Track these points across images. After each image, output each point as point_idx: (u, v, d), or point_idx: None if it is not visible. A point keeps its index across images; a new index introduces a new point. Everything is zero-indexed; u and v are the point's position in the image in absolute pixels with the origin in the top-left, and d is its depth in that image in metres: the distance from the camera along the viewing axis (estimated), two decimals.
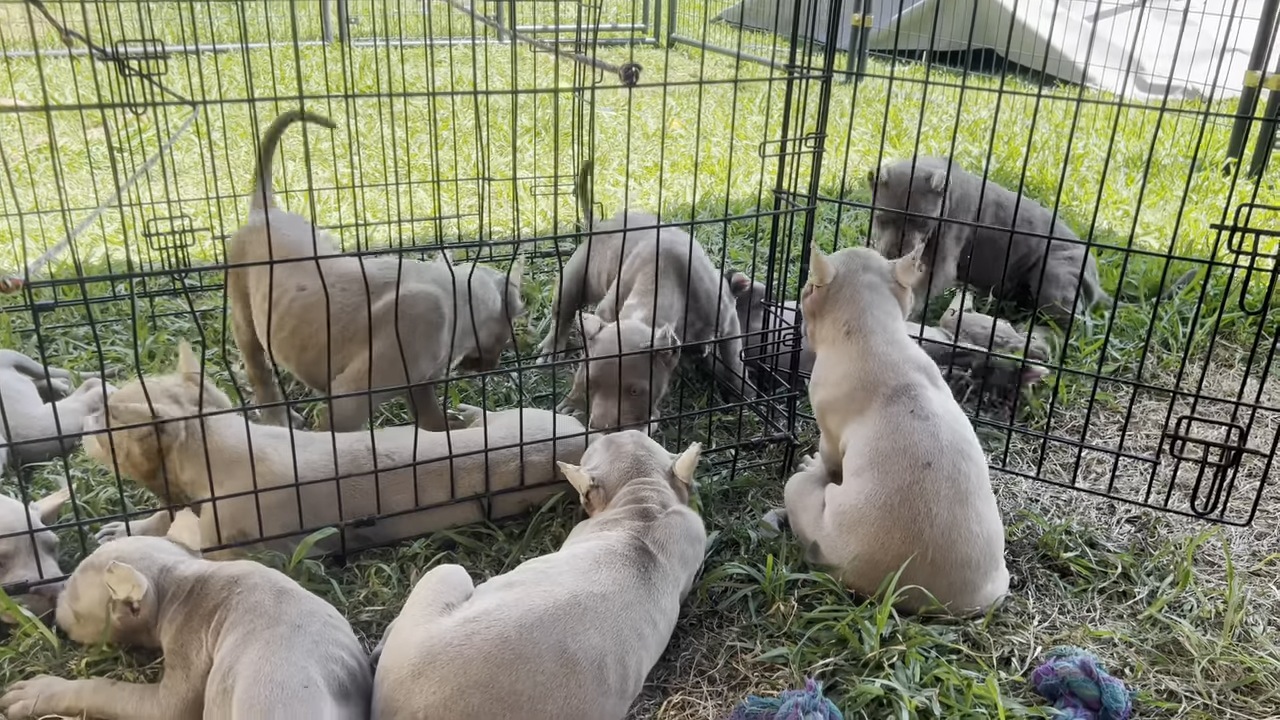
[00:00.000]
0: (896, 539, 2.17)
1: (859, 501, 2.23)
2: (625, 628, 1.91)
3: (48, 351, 3.40)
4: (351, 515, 2.37)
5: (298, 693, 1.68)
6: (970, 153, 6.45)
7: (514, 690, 1.75)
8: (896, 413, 2.28)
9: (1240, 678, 2.06)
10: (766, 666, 2.08)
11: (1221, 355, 3.67)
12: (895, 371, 2.34)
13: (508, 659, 1.76)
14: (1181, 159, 6.29)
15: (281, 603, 1.86)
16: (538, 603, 1.84)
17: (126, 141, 5.31)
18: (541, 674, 1.78)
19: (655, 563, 2.05)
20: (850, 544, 2.23)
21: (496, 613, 1.82)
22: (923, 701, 1.89)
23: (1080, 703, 1.94)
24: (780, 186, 2.77)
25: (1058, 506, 2.71)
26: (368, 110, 6.99)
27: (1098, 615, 2.28)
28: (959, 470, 2.21)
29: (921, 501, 2.16)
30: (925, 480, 2.18)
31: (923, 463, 2.19)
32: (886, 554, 2.17)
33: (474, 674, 1.75)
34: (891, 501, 2.18)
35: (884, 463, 2.23)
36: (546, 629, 1.81)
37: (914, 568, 2.15)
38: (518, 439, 2.50)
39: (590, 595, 1.89)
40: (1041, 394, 3.24)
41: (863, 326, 2.42)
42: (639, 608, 1.96)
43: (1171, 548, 2.50)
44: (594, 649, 1.84)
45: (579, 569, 1.97)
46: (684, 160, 6.19)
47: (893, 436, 2.25)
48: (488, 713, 1.74)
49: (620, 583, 1.96)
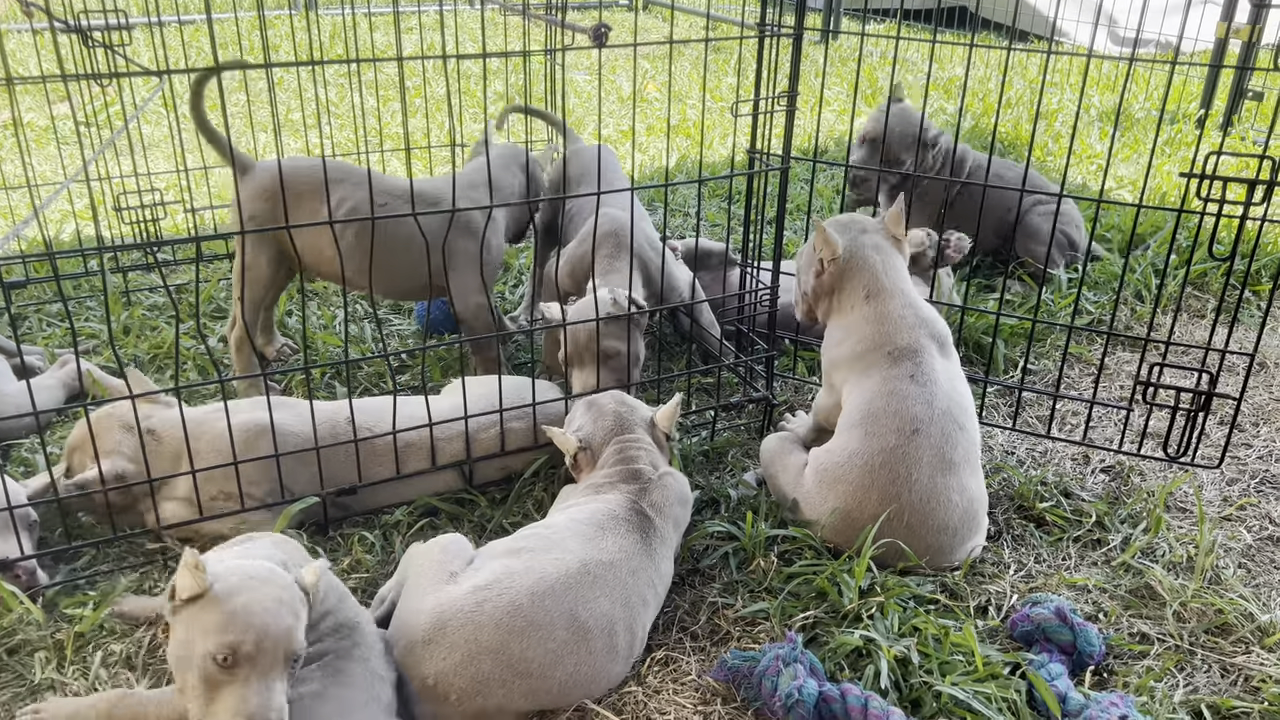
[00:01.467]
0: (874, 499, 2.19)
1: (841, 459, 2.26)
2: (632, 594, 1.94)
3: (20, 329, 3.37)
4: (327, 486, 2.38)
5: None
6: (945, 110, 6.45)
7: (525, 657, 1.78)
8: (897, 375, 2.29)
9: (1211, 619, 2.11)
10: (748, 621, 2.11)
11: (1194, 306, 3.71)
12: (908, 334, 2.35)
13: (519, 626, 1.78)
14: (1155, 113, 6.31)
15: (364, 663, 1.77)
16: (549, 571, 1.86)
17: (93, 116, 5.23)
18: (553, 641, 1.80)
19: (654, 526, 2.07)
20: (829, 500, 2.25)
21: (508, 580, 1.84)
22: (901, 651, 1.92)
23: (1055, 648, 1.98)
24: (754, 146, 2.76)
25: (1033, 458, 2.75)
26: (339, 79, 6.91)
27: (1072, 563, 2.32)
28: (948, 439, 2.23)
29: (903, 466, 2.19)
30: (910, 445, 2.20)
31: (910, 428, 2.21)
32: (863, 513, 2.20)
33: (485, 640, 1.77)
34: (873, 463, 2.20)
35: (873, 422, 2.25)
36: (558, 597, 1.83)
37: (891, 529, 2.18)
38: (495, 406, 2.51)
39: (599, 564, 1.92)
40: (1016, 347, 3.27)
41: (880, 290, 2.42)
42: (644, 573, 1.99)
43: (1144, 495, 2.55)
44: (604, 616, 1.87)
45: (585, 535, 1.98)
46: (658, 123, 6.15)
47: (887, 398, 2.26)
48: (498, 679, 1.77)
49: (625, 549, 1.98)
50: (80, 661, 1.99)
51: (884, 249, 2.48)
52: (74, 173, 2.87)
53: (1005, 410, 2.99)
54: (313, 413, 2.36)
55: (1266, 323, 2.60)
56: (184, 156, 3.76)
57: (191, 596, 1.52)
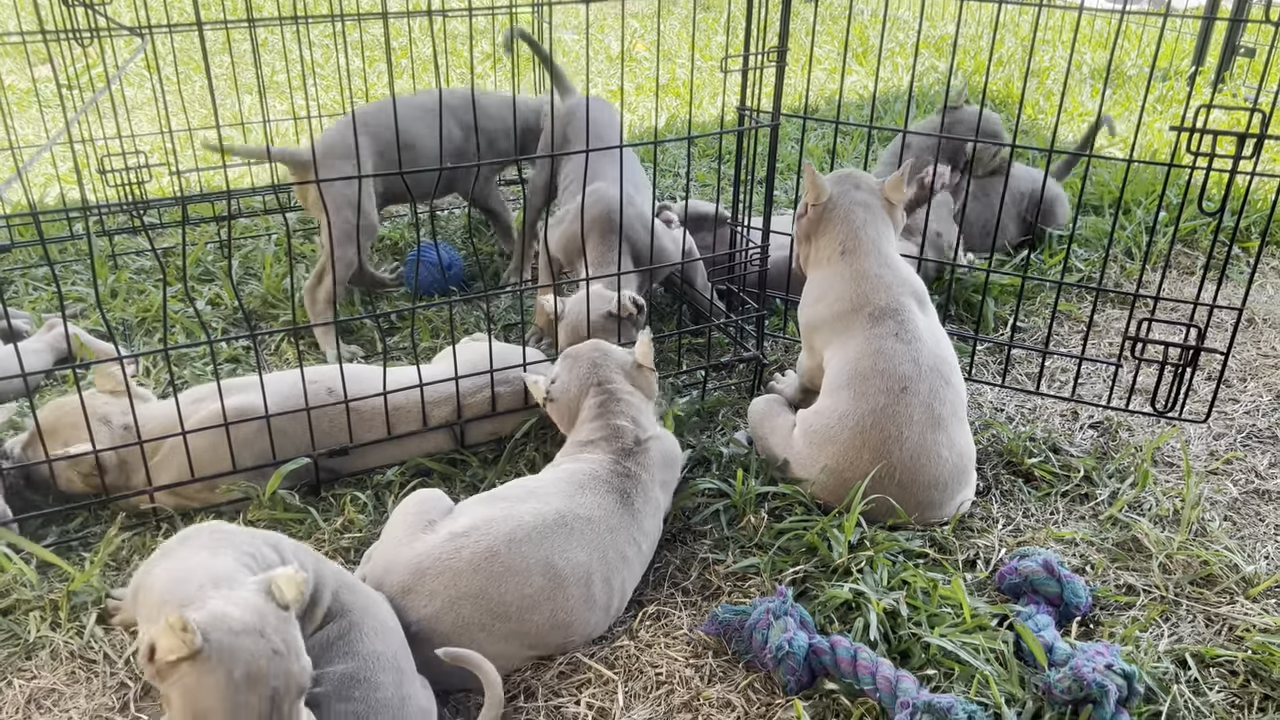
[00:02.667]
0: (865, 459, 2.20)
1: (831, 420, 2.26)
2: (610, 549, 1.95)
3: (6, 294, 3.35)
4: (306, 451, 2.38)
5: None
6: (937, 68, 6.41)
7: (503, 601, 1.81)
8: (880, 334, 2.29)
9: (1196, 571, 2.13)
10: (739, 576, 2.13)
11: (1184, 263, 3.71)
12: (887, 293, 2.35)
13: (497, 571, 1.81)
14: (1147, 70, 6.27)
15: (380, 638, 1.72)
16: (526, 519, 1.88)
17: (75, 79, 5.16)
18: (529, 587, 1.83)
19: (637, 486, 2.08)
20: (820, 460, 2.26)
21: (485, 527, 1.86)
22: (890, 603, 1.94)
23: (1042, 599, 2.00)
24: (744, 103, 2.74)
25: (1022, 415, 2.76)
26: (324, 40, 6.82)
27: (1060, 517, 2.34)
28: (936, 395, 2.24)
29: (893, 425, 2.20)
30: (900, 404, 2.21)
31: (899, 387, 2.22)
32: (854, 472, 2.21)
33: (464, 586, 1.79)
34: (864, 423, 2.21)
35: (861, 383, 2.25)
36: (535, 544, 1.85)
37: (882, 487, 2.20)
38: (485, 369, 2.51)
39: (576, 517, 1.94)
40: (1005, 304, 3.27)
41: (858, 246, 2.41)
42: (623, 531, 2.00)
43: (1132, 450, 2.56)
44: (580, 566, 1.89)
45: (564, 491, 2.00)
46: (647, 83, 6.10)
47: (874, 357, 2.27)
48: (478, 622, 1.80)
49: (604, 507, 2.00)
50: (74, 621, 2.00)
51: (872, 208, 2.47)
52: (56, 134, 2.84)
53: (995, 368, 3.00)
54: (304, 380, 2.35)
55: (1254, 278, 2.60)
56: (168, 118, 3.72)
57: (179, 659, 1.38)
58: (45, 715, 1.80)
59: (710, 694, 1.84)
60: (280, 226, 3.90)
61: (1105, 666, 1.71)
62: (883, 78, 6.13)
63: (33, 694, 1.85)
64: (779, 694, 1.84)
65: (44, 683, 1.87)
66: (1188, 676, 1.85)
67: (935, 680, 1.82)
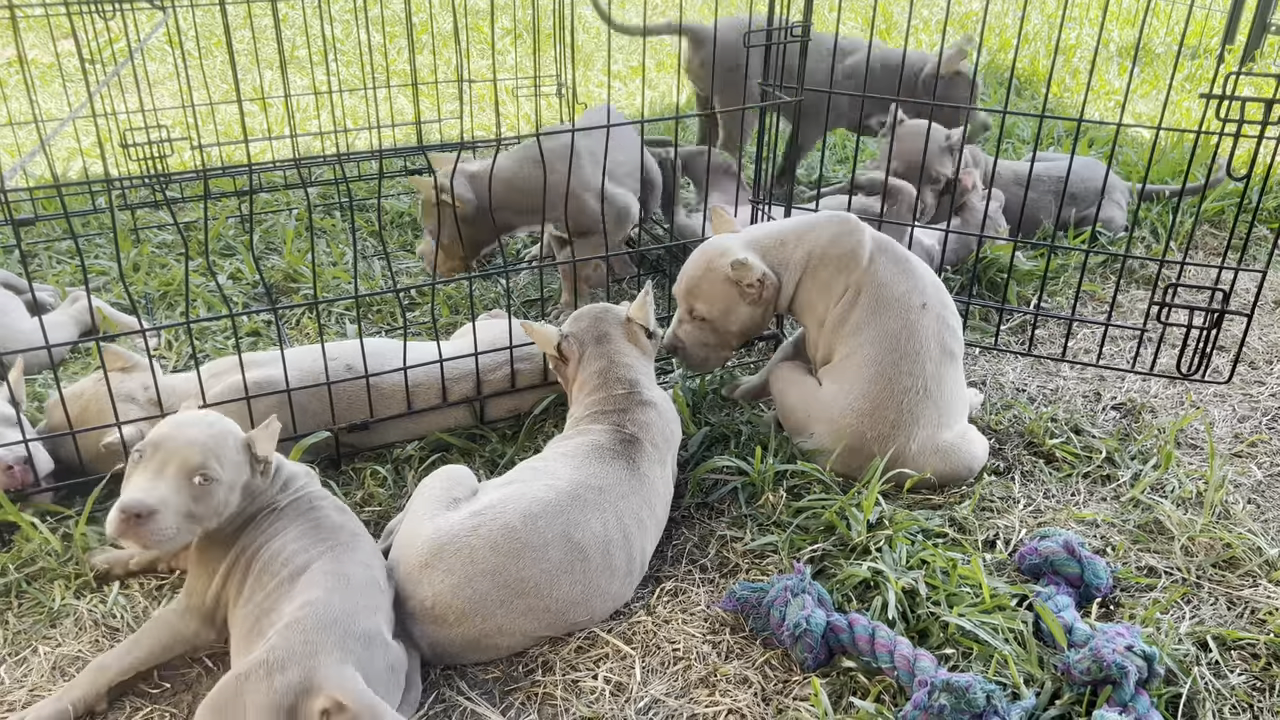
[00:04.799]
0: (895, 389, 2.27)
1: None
2: (626, 515, 1.97)
3: (30, 267, 3.37)
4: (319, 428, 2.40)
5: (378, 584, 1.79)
6: None
7: (521, 577, 1.82)
8: None
9: (1219, 553, 2.12)
10: (756, 554, 2.13)
11: (1210, 244, 3.66)
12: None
13: (514, 548, 1.82)
14: (1176, 47, 6.18)
15: (341, 513, 1.92)
16: (540, 495, 1.90)
17: (98, 52, 5.17)
18: (548, 561, 1.84)
19: (641, 450, 2.09)
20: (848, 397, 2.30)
21: (500, 505, 1.87)
22: (909, 582, 1.94)
23: (1062, 580, 1.99)
24: (766, 77, 2.72)
25: (1044, 395, 2.74)
26: (344, 16, 6.81)
27: (1081, 499, 2.32)
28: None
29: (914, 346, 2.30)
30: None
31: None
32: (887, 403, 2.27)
33: (481, 563, 1.80)
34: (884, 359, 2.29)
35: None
36: (550, 519, 1.87)
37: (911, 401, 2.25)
38: (504, 346, 2.51)
39: (589, 487, 1.95)
40: (1029, 285, 3.24)
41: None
42: (635, 497, 2.01)
43: (1155, 432, 2.54)
44: (597, 535, 1.90)
45: (573, 465, 2.01)
46: (669, 59, 6.06)
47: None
48: (496, 598, 1.80)
49: (615, 475, 2.01)
50: (98, 590, 2.02)
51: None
52: (79, 107, 2.85)
53: (1018, 344, 2.97)
54: (325, 354, 2.35)
55: (1278, 243, 2.58)
56: (190, 92, 3.73)
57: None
58: (70, 681, 1.82)
59: (727, 670, 1.84)
60: (301, 201, 3.91)
61: (1125, 648, 1.70)
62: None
63: (57, 661, 1.87)
64: (796, 671, 1.84)
65: (68, 650, 1.89)
66: (1208, 659, 1.84)
67: (953, 660, 1.81)
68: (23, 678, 1.84)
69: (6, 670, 1.86)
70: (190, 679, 1.84)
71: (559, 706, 1.78)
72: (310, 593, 1.68)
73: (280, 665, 1.54)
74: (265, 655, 1.56)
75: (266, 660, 1.55)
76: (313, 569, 1.74)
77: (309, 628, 1.60)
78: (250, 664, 1.56)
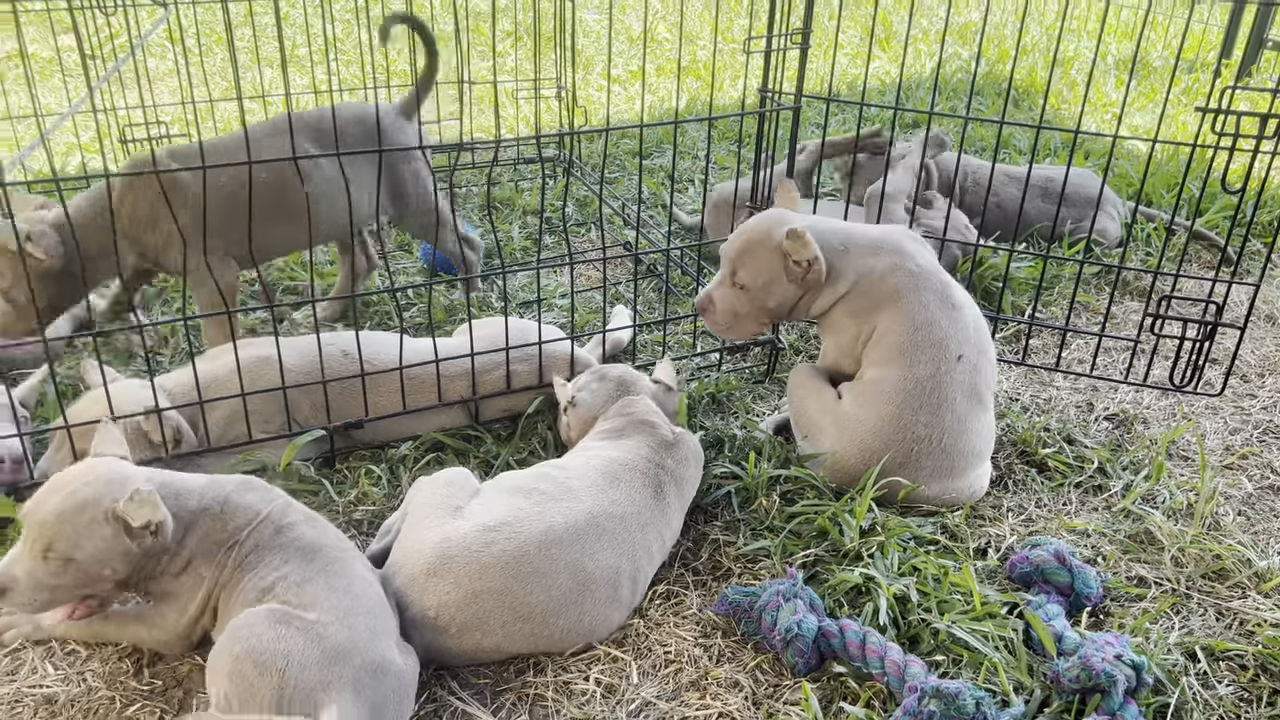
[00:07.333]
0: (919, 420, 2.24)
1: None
2: (639, 547, 1.95)
3: None
4: (331, 416, 2.40)
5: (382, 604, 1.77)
6: (960, 55, 6.36)
7: (527, 602, 1.80)
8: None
9: (1209, 564, 2.13)
10: (749, 558, 2.14)
11: (1205, 258, 3.68)
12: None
13: (525, 572, 1.80)
14: (1173, 60, 6.21)
15: (314, 525, 1.85)
16: (558, 521, 1.87)
17: (98, 48, 5.17)
18: (556, 589, 1.82)
19: (671, 479, 2.08)
20: (869, 420, 2.27)
21: (516, 525, 1.85)
22: (900, 589, 1.94)
23: (1053, 589, 2.00)
24: (766, 85, 2.73)
25: (1037, 405, 2.75)
26: (345, 15, 6.81)
27: (1073, 508, 2.34)
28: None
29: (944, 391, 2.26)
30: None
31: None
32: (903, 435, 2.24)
33: (489, 581, 1.79)
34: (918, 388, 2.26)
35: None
36: (565, 547, 1.84)
37: (929, 452, 2.23)
38: (500, 346, 2.51)
39: (609, 516, 1.93)
40: (1024, 295, 3.26)
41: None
42: (653, 528, 2.00)
43: (1147, 443, 2.56)
44: (609, 568, 1.88)
45: (598, 486, 1.98)
46: (668, 64, 6.08)
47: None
48: (499, 619, 1.80)
49: (637, 503, 1.99)
50: None
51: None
52: (78, 102, 2.85)
53: (1012, 355, 2.99)
54: (320, 345, 2.36)
55: (1271, 257, 2.60)
56: (190, 89, 3.73)
57: None
58: (61, 675, 1.82)
59: (718, 674, 1.85)
60: None
61: (1114, 657, 1.71)
62: (904, 65, 6.08)
63: (49, 654, 1.87)
64: (787, 676, 1.84)
65: (62, 644, 1.89)
66: (1197, 669, 1.85)
67: (944, 666, 1.82)
68: (14, 671, 1.84)
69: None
70: (181, 675, 1.84)
71: (550, 708, 1.78)
72: (320, 614, 1.65)
73: (289, 702, 1.53)
74: (278, 688, 1.54)
75: (280, 690, 1.54)
76: (314, 585, 1.70)
77: (323, 658, 1.58)
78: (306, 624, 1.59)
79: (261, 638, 1.56)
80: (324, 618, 1.64)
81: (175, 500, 1.78)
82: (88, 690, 1.79)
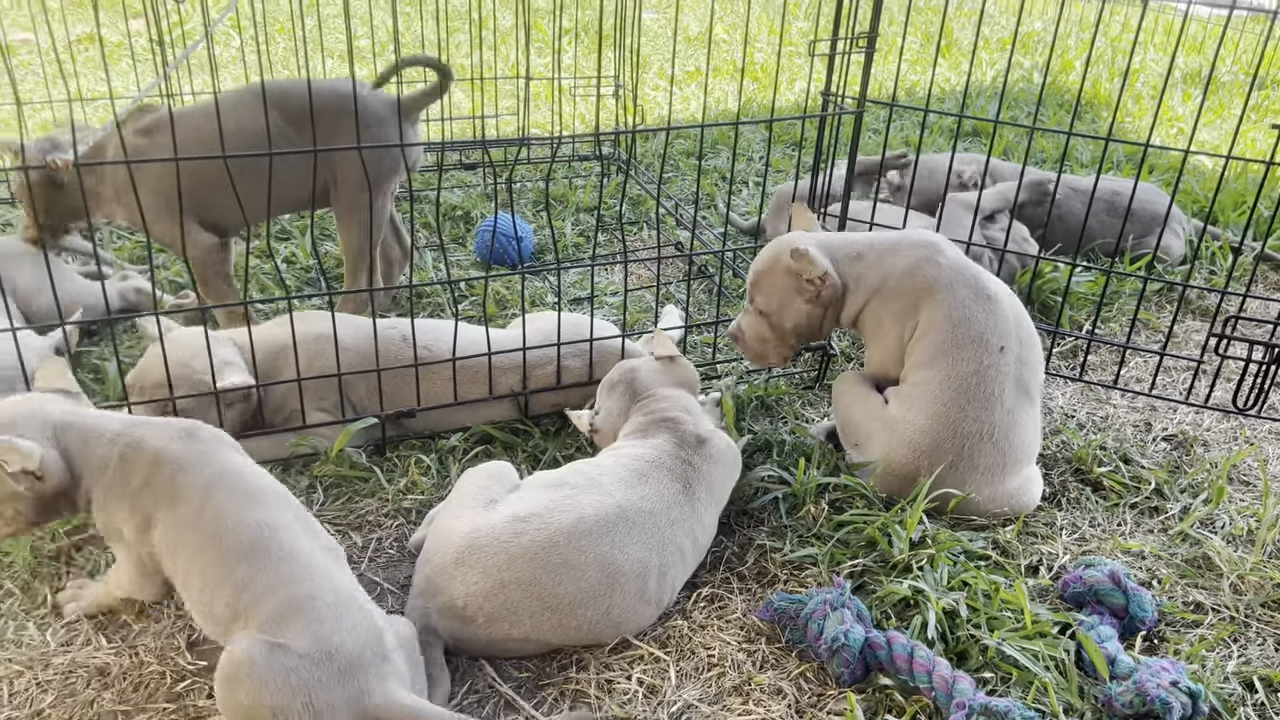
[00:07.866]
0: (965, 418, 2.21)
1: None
2: (669, 542, 1.94)
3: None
4: (384, 400, 2.42)
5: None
6: (1022, 64, 6.27)
7: (555, 593, 1.80)
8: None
9: (1269, 593, 2.07)
10: (795, 565, 2.12)
11: (1272, 279, 3.59)
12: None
13: (554, 563, 1.80)
14: (1243, 76, 6.07)
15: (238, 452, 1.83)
16: (588, 513, 1.86)
17: (167, 33, 5.27)
18: (585, 581, 1.82)
19: (699, 476, 2.06)
20: (918, 421, 2.24)
21: (546, 516, 1.85)
22: (950, 603, 1.91)
23: (1106, 611, 1.95)
24: (829, 89, 2.71)
25: (1094, 422, 2.70)
26: (406, 8, 6.88)
27: (1128, 529, 2.29)
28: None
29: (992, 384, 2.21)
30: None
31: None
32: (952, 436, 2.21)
33: (518, 571, 1.79)
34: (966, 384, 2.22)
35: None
36: (594, 539, 1.84)
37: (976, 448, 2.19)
38: (553, 341, 2.52)
39: (638, 510, 1.92)
40: (1083, 310, 3.20)
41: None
42: (683, 524, 1.98)
43: (1207, 466, 2.50)
44: (638, 561, 1.87)
45: (627, 481, 1.97)
46: (727, 65, 6.06)
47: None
48: (527, 610, 1.80)
49: (666, 499, 1.97)
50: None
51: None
52: (148, 86, 2.90)
53: (1069, 370, 2.94)
54: (375, 329, 2.38)
55: None
56: (250, 78, 3.78)
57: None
58: (114, 647, 1.85)
59: (762, 679, 1.83)
60: None
61: (1170, 683, 1.67)
62: (965, 72, 6.01)
63: (102, 625, 1.91)
64: (831, 685, 1.82)
65: (115, 616, 1.93)
66: (1254, 699, 1.80)
67: (992, 684, 1.79)
68: (69, 641, 1.88)
69: (52, 634, 1.89)
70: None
71: (592, 705, 1.78)
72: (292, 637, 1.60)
73: (350, 670, 1.56)
74: (329, 647, 1.56)
75: (330, 654, 1.56)
76: (299, 556, 1.66)
77: (357, 645, 1.60)
78: (308, 652, 1.56)
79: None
80: (297, 643, 1.57)
81: (83, 444, 1.76)
82: (139, 664, 1.82)
